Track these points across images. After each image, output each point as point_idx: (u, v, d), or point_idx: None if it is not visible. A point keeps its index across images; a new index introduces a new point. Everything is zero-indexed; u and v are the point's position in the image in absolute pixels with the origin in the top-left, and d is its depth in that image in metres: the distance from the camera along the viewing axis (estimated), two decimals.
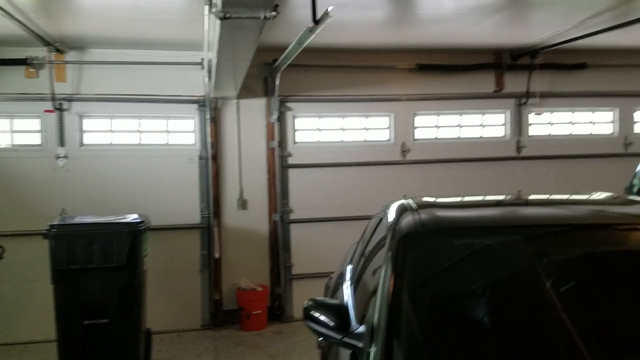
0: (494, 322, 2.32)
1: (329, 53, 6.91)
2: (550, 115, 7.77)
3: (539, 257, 2.54)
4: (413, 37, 6.44)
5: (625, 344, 2.25)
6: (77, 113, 6.47)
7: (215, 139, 6.77)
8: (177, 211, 6.68)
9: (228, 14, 2.89)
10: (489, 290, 2.45)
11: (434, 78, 7.31)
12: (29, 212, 6.25)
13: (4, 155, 6.32)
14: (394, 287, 2.24)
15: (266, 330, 6.67)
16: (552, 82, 7.58)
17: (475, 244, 2.62)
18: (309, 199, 7.05)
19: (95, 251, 4.82)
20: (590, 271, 2.58)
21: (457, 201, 3.56)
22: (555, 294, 2.41)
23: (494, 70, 7.48)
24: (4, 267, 5.46)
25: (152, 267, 5.96)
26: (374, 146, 7.27)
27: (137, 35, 5.95)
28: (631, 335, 2.29)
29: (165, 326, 6.51)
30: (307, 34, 4.26)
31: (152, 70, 6.57)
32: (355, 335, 2.30)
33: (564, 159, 7.61)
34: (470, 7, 5.27)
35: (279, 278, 7.02)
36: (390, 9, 5.36)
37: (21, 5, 4.70)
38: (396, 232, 2.61)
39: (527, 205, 3.33)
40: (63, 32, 5.75)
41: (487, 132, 7.63)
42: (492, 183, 7.39)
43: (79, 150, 6.47)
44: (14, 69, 6.22)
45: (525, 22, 6.02)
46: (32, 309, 6.17)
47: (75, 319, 4.82)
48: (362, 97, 7.17)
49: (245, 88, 6.64)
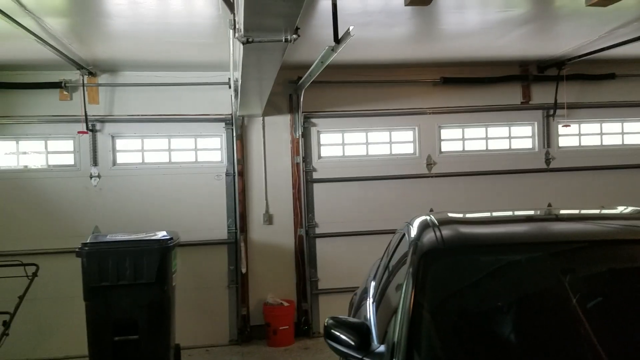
0: (517, 340, 2.31)
1: (353, 69, 6.97)
2: (580, 127, 7.65)
3: (563, 274, 2.53)
4: (437, 52, 6.46)
5: None
6: (110, 134, 6.67)
7: (241, 156, 6.88)
8: (205, 227, 6.79)
9: (251, 38, 2.98)
10: (512, 307, 2.44)
11: (459, 91, 7.30)
12: (63, 230, 6.44)
13: (40, 175, 6.55)
14: (414, 304, 2.25)
15: (293, 346, 6.69)
16: (580, 93, 7.48)
17: (497, 261, 2.61)
18: (334, 214, 7.09)
19: (126, 268, 4.95)
20: (615, 287, 2.54)
21: (480, 217, 3.54)
22: (579, 311, 2.39)
23: (521, 82, 7.42)
24: (39, 284, 5.61)
25: (181, 282, 6.09)
26: (399, 160, 7.27)
27: (167, 58, 6.12)
28: None
29: (194, 342, 6.61)
30: (329, 52, 4.32)
31: (181, 91, 6.74)
32: (376, 355, 2.31)
33: (595, 171, 7.47)
34: (495, 20, 5.26)
35: (305, 293, 7.04)
36: (414, 25, 5.39)
37: (54, 32, 4.90)
38: (417, 248, 2.63)
39: (550, 220, 3.30)
40: (95, 55, 5.96)
41: (515, 144, 7.55)
42: (521, 196, 7.30)
43: (111, 170, 6.66)
44: (49, 92, 6.47)
45: (552, 33, 5.97)
46: (66, 325, 6.34)
47: (106, 335, 4.95)
48: (386, 111, 7.20)
49: (271, 105, 6.75)
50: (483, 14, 5.10)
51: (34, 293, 5.62)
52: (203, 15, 4.67)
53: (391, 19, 5.02)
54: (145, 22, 4.83)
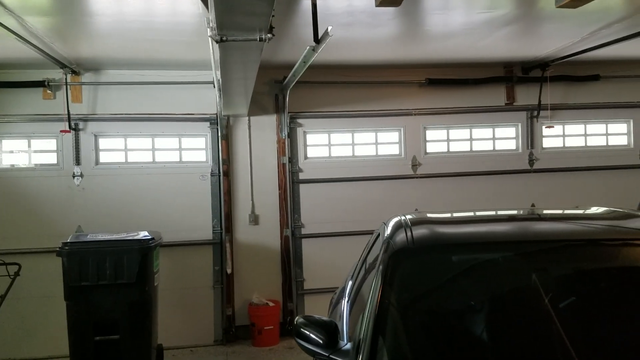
0: (485, 339, 2.32)
1: (338, 69, 6.98)
2: (564, 128, 7.70)
3: (534, 273, 2.54)
4: (422, 53, 6.48)
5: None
6: (93, 132, 6.65)
7: (227, 156, 6.87)
8: (190, 227, 6.78)
9: (225, 36, 2.98)
10: (481, 306, 2.45)
11: (444, 92, 7.33)
12: (46, 229, 6.40)
13: (22, 174, 6.51)
14: (380, 302, 2.26)
15: (278, 346, 6.69)
16: (564, 94, 7.53)
17: (468, 260, 2.63)
18: (320, 214, 7.10)
19: (107, 268, 4.93)
20: (587, 287, 2.56)
21: (458, 216, 3.55)
22: (550, 310, 2.40)
23: (505, 83, 7.46)
24: (21, 283, 5.59)
25: (165, 283, 6.08)
26: (384, 160, 7.29)
27: (151, 56, 6.10)
28: (628, 351, 2.27)
29: (178, 342, 6.59)
30: (311, 52, 4.33)
31: (165, 90, 6.73)
32: (342, 352, 2.32)
33: (579, 172, 7.53)
34: (479, 21, 5.28)
35: (291, 293, 7.04)
36: (397, 25, 5.41)
37: (36, 30, 4.88)
38: (389, 247, 2.64)
39: (525, 220, 3.32)
40: (78, 54, 5.94)
41: (499, 145, 7.59)
42: (505, 196, 7.34)
43: (94, 169, 6.63)
44: (32, 91, 6.43)
45: (535, 34, 6.00)
46: (48, 324, 6.30)
47: (87, 335, 4.93)
48: (372, 112, 7.21)
49: (256, 105, 6.75)
50: (467, 15, 5.12)
51: (17, 292, 5.61)
52: (186, 14, 4.66)
53: (373, 19, 5.03)
54: (129, 20, 4.81)
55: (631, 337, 2.31)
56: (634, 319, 2.37)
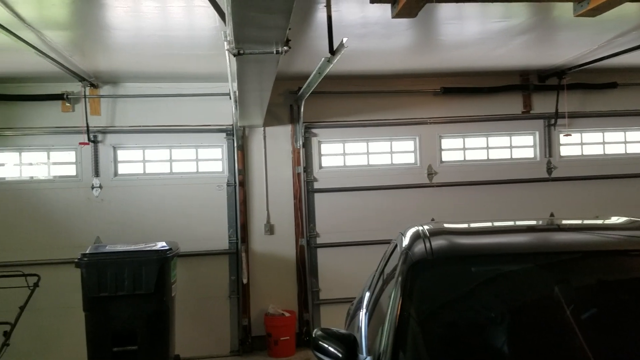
0: (506, 352, 2.29)
1: (354, 79, 7.00)
2: (581, 136, 7.62)
3: (555, 285, 2.51)
4: (436, 62, 6.47)
5: None
6: (111, 144, 6.73)
7: (242, 166, 6.91)
8: (206, 237, 6.81)
9: (242, 50, 3.01)
10: (502, 319, 2.43)
11: (459, 101, 7.30)
12: (65, 240, 6.47)
13: (42, 186, 6.60)
14: (400, 314, 2.24)
15: (294, 357, 6.66)
16: (582, 102, 7.46)
17: (487, 272, 2.60)
18: (335, 224, 7.09)
19: (125, 279, 4.97)
20: (608, 298, 2.52)
21: (476, 227, 3.53)
22: (572, 322, 2.37)
23: (521, 91, 7.42)
24: (41, 294, 5.64)
25: (181, 293, 6.10)
26: (399, 169, 7.27)
27: (168, 69, 6.18)
28: None
29: (194, 352, 6.60)
30: (326, 64, 4.36)
31: (182, 102, 6.80)
32: None
33: (597, 180, 7.43)
34: (495, 30, 5.27)
35: (307, 303, 7.03)
36: (412, 36, 5.41)
37: (55, 44, 4.97)
38: (407, 258, 2.62)
39: (544, 231, 3.28)
40: (97, 67, 6.03)
41: (517, 154, 7.53)
42: (523, 206, 7.27)
43: (112, 180, 6.70)
44: (51, 104, 6.54)
45: (551, 43, 5.97)
46: (67, 335, 6.34)
47: (106, 345, 4.96)
48: (387, 121, 7.21)
49: (271, 116, 6.79)
50: (482, 24, 5.11)
51: (35, 303, 5.64)
52: (202, 27, 4.72)
53: (388, 30, 5.05)
54: (146, 35, 4.88)
55: None
56: None
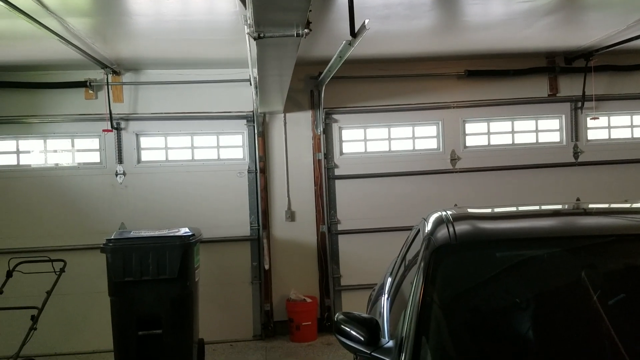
0: (531, 338, 2.25)
1: (375, 63, 6.92)
2: (609, 119, 7.43)
3: (579, 270, 2.45)
4: (460, 44, 6.35)
5: None
6: (134, 132, 6.78)
7: (263, 153, 6.91)
8: (228, 224, 6.85)
9: (262, 33, 2.98)
10: (527, 304, 2.38)
11: (484, 84, 7.17)
12: (90, 226, 6.58)
13: (67, 173, 6.69)
14: (423, 300, 2.21)
15: (316, 342, 6.69)
16: (609, 84, 7.26)
17: (512, 257, 2.55)
18: (356, 210, 7.06)
19: (149, 264, 5.02)
20: (630, 284, 2.45)
21: (500, 212, 3.46)
22: (599, 308, 2.32)
23: (547, 74, 7.25)
24: (67, 280, 5.75)
25: (204, 278, 6.16)
26: (422, 155, 7.19)
27: (189, 55, 6.18)
28: None
29: (218, 336, 6.68)
30: (347, 47, 4.30)
31: (203, 88, 6.80)
32: (384, 350, 2.29)
33: (625, 164, 7.25)
34: (520, 11, 5.14)
35: (328, 289, 7.04)
36: (435, 17, 5.31)
37: (77, 31, 5.00)
38: (430, 244, 2.59)
39: (571, 215, 3.21)
40: (118, 54, 6.06)
41: (542, 138, 7.38)
42: (549, 191, 7.15)
43: (136, 167, 6.77)
44: (74, 91, 6.60)
45: (578, 24, 5.81)
46: (93, 320, 6.48)
47: (131, 329, 5.02)
48: (409, 106, 7.12)
49: (292, 102, 6.76)
50: (507, 4, 4.99)
51: (62, 288, 5.76)
52: (222, 12, 4.70)
53: (411, 11, 4.96)
54: (167, 20, 4.88)
55: None
56: None
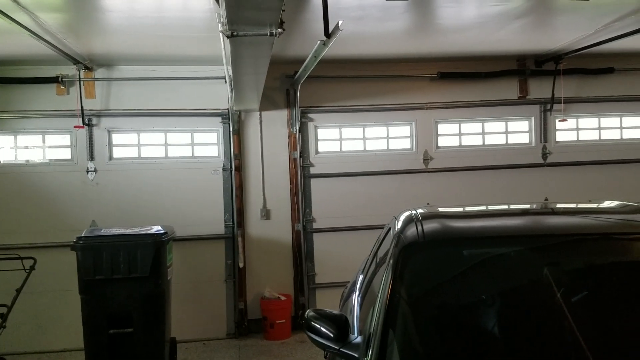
0: (496, 334, 2.31)
1: (350, 64, 6.97)
2: (577, 121, 7.62)
3: (543, 268, 2.52)
4: (433, 46, 6.44)
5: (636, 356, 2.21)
6: (106, 128, 6.70)
7: (238, 151, 6.90)
8: (202, 222, 6.82)
9: (235, 31, 2.99)
10: (493, 301, 2.44)
11: (456, 86, 7.29)
12: (61, 224, 6.48)
13: (37, 169, 6.59)
14: (391, 295, 2.26)
15: (290, 340, 6.72)
16: (578, 87, 7.45)
17: (479, 254, 2.62)
18: (331, 209, 7.11)
19: (120, 262, 4.98)
20: (600, 282, 2.54)
21: (469, 211, 3.54)
22: (563, 305, 2.39)
23: (518, 76, 7.40)
24: (37, 277, 5.65)
25: (178, 277, 6.13)
26: (396, 155, 7.27)
27: (163, 52, 6.14)
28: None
29: (191, 335, 6.65)
30: (321, 47, 4.33)
31: (178, 85, 6.76)
32: (352, 346, 2.33)
33: (593, 165, 7.45)
34: (492, 14, 5.24)
35: (302, 287, 7.07)
36: (408, 19, 5.38)
37: (49, 27, 4.93)
38: (399, 241, 2.64)
39: (537, 214, 3.30)
40: (91, 50, 5.99)
41: (512, 139, 7.53)
42: (518, 190, 7.30)
43: (107, 164, 6.69)
44: (46, 87, 6.50)
45: (549, 27, 5.95)
46: (63, 318, 6.39)
47: (102, 328, 4.98)
48: (383, 106, 7.19)
49: (267, 100, 6.77)
50: (479, 7, 5.09)
51: (32, 286, 5.68)
52: (197, 9, 4.68)
53: (385, 13, 5.02)
54: (140, 16, 4.85)
55: None
56: None
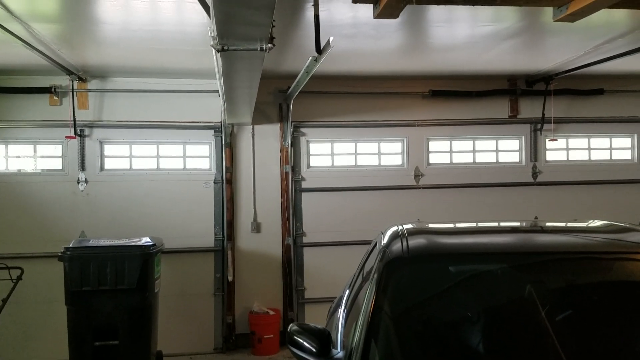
0: (475, 349, 2.32)
1: (342, 80, 7.03)
2: (567, 141, 7.70)
3: (527, 285, 2.54)
4: (425, 64, 6.51)
5: None
6: (98, 139, 6.70)
7: (230, 164, 6.91)
8: (192, 234, 6.80)
9: (226, 46, 3.02)
10: (476, 317, 2.45)
11: (448, 104, 7.35)
12: (50, 234, 6.45)
13: (28, 179, 6.57)
14: (374, 310, 2.27)
15: (277, 355, 6.68)
16: (568, 107, 7.54)
17: (463, 271, 2.63)
18: (322, 223, 7.11)
19: (108, 274, 4.97)
20: (583, 300, 2.55)
21: (457, 227, 3.56)
22: (546, 323, 2.40)
23: (509, 96, 7.48)
24: (24, 288, 5.61)
25: (166, 289, 6.10)
26: (387, 171, 7.31)
27: (157, 65, 6.17)
28: None
29: (178, 349, 6.59)
30: (313, 63, 4.37)
31: (171, 98, 6.79)
32: None
33: (582, 185, 7.52)
34: (483, 34, 5.31)
35: (292, 302, 7.04)
36: (401, 38, 5.44)
37: (43, 37, 4.95)
38: (384, 256, 2.65)
39: (522, 232, 3.32)
40: (85, 61, 6.01)
41: (503, 158, 7.59)
42: (508, 209, 7.34)
43: (99, 175, 6.68)
44: (39, 97, 6.51)
45: (539, 47, 6.02)
46: (49, 329, 6.32)
47: (87, 339, 4.95)
48: (375, 122, 7.24)
49: (260, 114, 6.81)
50: (471, 28, 5.15)
51: (18, 297, 5.63)
52: (191, 23, 4.71)
53: (377, 31, 5.08)
54: (135, 29, 4.88)
55: (628, 351, 2.30)
56: (631, 333, 2.37)
